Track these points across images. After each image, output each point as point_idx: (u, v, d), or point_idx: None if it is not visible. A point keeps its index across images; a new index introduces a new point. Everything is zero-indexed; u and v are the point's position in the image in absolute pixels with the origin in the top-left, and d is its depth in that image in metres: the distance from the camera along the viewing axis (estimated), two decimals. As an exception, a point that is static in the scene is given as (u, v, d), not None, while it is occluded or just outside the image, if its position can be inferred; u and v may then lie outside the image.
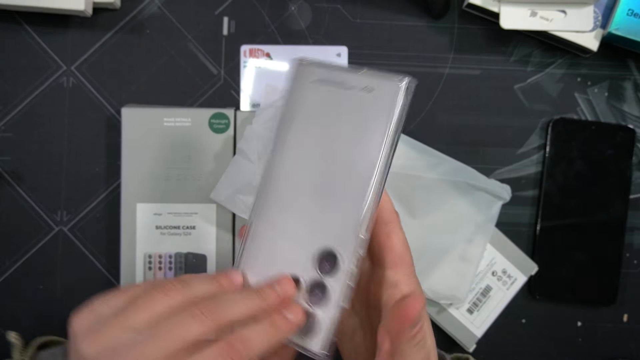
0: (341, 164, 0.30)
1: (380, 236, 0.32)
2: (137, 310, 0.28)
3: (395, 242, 0.31)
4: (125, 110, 0.47)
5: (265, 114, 0.46)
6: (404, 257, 0.31)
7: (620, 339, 0.50)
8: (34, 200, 0.49)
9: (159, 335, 0.27)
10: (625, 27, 0.47)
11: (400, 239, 0.32)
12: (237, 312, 0.29)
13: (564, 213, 0.49)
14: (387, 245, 0.31)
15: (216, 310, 0.28)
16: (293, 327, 0.30)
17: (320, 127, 0.31)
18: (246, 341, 0.28)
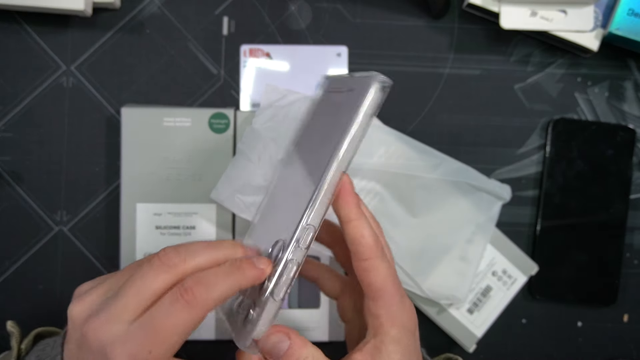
0: (309, 162, 0.31)
1: (358, 271, 0.31)
2: (115, 276, 0.30)
3: (372, 279, 0.31)
4: (125, 110, 0.47)
5: (266, 114, 0.46)
6: (382, 291, 0.31)
7: (620, 339, 0.50)
8: (33, 200, 0.49)
9: (124, 290, 0.28)
10: (625, 27, 0.47)
11: (380, 274, 0.31)
12: (203, 261, 0.29)
13: (564, 213, 0.49)
14: (365, 281, 0.31)
15: (180, 260, 0.28)
16: (257, 273, 0.29)
17: (311, 130, 0.32)
18: (204, 283, 0.28)
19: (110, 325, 0.27)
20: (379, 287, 0.31)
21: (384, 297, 0.31)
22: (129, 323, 0.27)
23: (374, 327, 0.32)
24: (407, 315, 0.32)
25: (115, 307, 0.28)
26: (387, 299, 0.31)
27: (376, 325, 0.32)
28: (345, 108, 0.29)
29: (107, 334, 0.27)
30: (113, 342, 0.27)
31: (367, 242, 0.31)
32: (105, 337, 0.27)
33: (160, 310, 0.27)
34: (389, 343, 0.31)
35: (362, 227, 0.31)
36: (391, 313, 0.31)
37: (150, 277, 0.28)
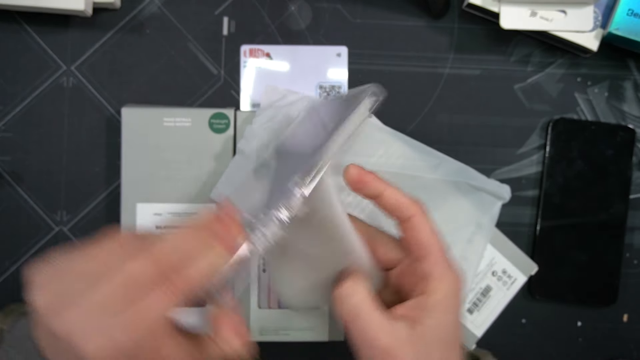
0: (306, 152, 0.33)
1: (405, 233, 0.33)
2: (79, 260, 0.28)
3: (418, 235, 0.33)
4: (125, 110, 0.47)
5: (266, 115, 0.46)
6: (430, 247, 0.32)
7: (620, 339, 0.50)
8: (34, 200, 0.49)
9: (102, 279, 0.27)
10: (625, 27, 0.47)
11: (425, 230, 0.33)
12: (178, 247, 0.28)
13: (564, 213, 0.49)
14: (412, 240, 0.33)
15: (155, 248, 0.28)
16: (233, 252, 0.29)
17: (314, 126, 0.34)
18: (184, 275, 0.28)
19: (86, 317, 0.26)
20: (426, 243, 0.32)
21: (431, 255, 0.32)
22: (109, 315, 0.26)
23: (420, 287, 0.32)
24: (454, 277, 0.33)
25: (93, 297, 0.26)
26: (434, 257, 0.32)
27: (422, 284, 0.32)
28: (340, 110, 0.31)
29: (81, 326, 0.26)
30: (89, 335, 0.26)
31: (406, 201, 0.33)
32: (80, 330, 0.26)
33: (145, 302, 0.27)
34: (433, 302, 0.32)
35: (395, 192, 0.33)
36: (439, 272, 0.32)
37: (130, 267, 0.27)
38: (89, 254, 0.29)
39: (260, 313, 0.47)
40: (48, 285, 0.28)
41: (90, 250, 0.29)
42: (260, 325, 0.48)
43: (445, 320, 0.32)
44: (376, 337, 0.31)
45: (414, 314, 0.32)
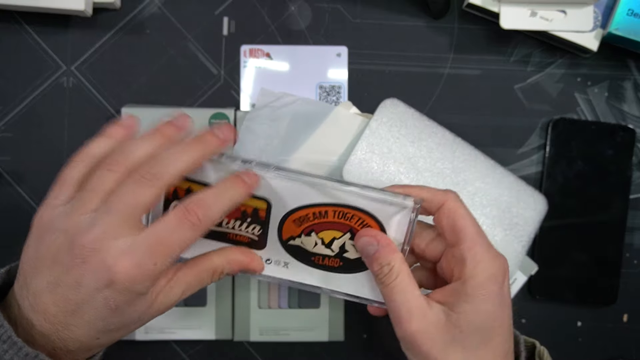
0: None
1: (440, 222, 0.33)
2: (89, 195, 0.30)
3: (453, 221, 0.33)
4: (125, 110, 0.47)
5: (262, 115, 0.46)
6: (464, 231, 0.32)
7: (620, 339, 0.50)
8: (34, 200, 0.49)
9: (113, 210, 0.29)
10: (625, 27, 0.47)
11: (460, 215, 0.33)
12: (180, 166, 0.31)
13: (564, 213, 0.49)
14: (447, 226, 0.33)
15: (159, 171, 0.30)
16: (249, 188, 0.32)
17: None
18: (205, 206, 0.30)
19: (111, 240, 0.28)
20: (459, 227, 0.32)
21: (467, 239, 0.32)
22: (131, 237, 0.29)
23: (457, 272, 0.32)
24: (494, 262, 0.32)
25: (112, 222, 0.29)
26: (470, 241, 0.32)
27: (458, 270, 0.32)
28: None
29: (110, 248, 0.28)
30: (117, 255, 0.28)
31: (434, 192, 0.33)
32: (108, 251, 0.28)
33: (167, 229, 0.29)
34: (471, 287, 0.31)
35: (420, 188, 0.34)
36: (475, 257, 0.31)
37: (140, 193, 0.29)
38: (98, 181, 0.31)
39: (260, 313, 0.47)
40: (46, 210, 0.31)
41: (96, 176, 0.31)
42: (260, 325, 0.48)
43: (483, 308, 0.31)
44: (408, 319, 0.31)
45: (451, 299, 0.31)
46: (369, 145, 0.45)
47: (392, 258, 0.32)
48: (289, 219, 0.35)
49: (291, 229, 0.35)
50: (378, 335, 0.50)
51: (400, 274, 0.32)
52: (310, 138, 0.46)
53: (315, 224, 0.35)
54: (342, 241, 0.35)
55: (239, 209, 0.35)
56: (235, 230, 0.35)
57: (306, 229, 0.35)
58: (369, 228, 0.34)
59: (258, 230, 0.35)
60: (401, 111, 0.46)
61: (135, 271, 0.28)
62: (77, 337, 0.30)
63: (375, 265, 0.33)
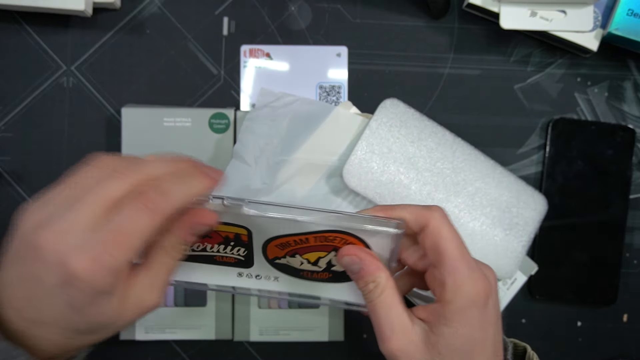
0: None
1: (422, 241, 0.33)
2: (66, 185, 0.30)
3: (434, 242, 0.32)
4: (125, 110, 0.47)
5: (262, 114, 0.46)
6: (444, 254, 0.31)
7: (620, 339, 0.50)
8: (34, 200, 0.49)
9: (81, 200, 0.28)
10: (625, 27, 0.47)
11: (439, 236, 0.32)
12: (156, 171, 0.29)
13: (564, 213, 0.49)
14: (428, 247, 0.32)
15: (134, 169, 0.29)
16: (210, 181, 0.31)
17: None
18: (164, 192, 0.29)
19: (68, 234, 0.27)
20: (442, 250, 0.31)
21: (448, 263, 0.31)
22: (89, 231, 0.27)
23: (438, 294, 0.31)
24: (476, 285, 0.31)
25: (73, 216, 0.27)
26: (451, 265, 0.31)
27: (440, 292, 0.31)
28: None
29: (65, 243, 0.27)
30: (72, 250, 0.27)
31: (417, 212, 0.32)
32: (64, 246, 0.27)
33: (121, 216, 0.28)
34: (450, 312, 0.31)
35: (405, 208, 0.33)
36: (455, 281, 0.31)
37: (107, 186, 0.28)
38: (70, 181, 0.30)
39: (260, 313, 0.47)
40: (33, 210, 0.29)
41: (72, 177, 0.30)
42: (260, 325, 0.48)
43: (461, 333, 0.31)
44: (389, 337, 0.31)
45: (432, 320, 0.31)
46: (369, 145, 0.45)
47: (377, 275, 0.32)
48: (271, 244, 0.34)
49: (275, 252, 0.35)
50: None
51: (384, 291, 0.32)
52: (310, 138, 0.46)
53: (299, 248, 0.34)
54: (327, 258, 0.35)
55: (220, 234, 0.34)
56: (221, 252, 0.35)
57: (290, 252, 0.35)
58: (352, 246, 0.33)
59: (243, 251, 0.35)
60: (401, 111, 0.46)
61: (92, 265, 0.27)
62: (46, 336, 0.29)
63: (361, 283, 0.33)
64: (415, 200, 0.45)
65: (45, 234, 0.27)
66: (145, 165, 0.30)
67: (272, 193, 0.45)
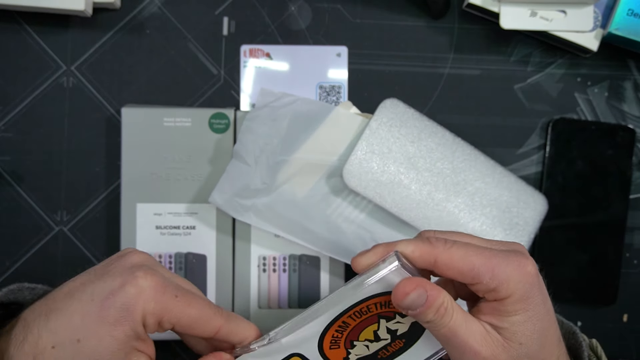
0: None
1: (443, 274, 0.32)
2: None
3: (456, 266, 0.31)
4: (125, 110, 0.47)
5: (262, 115, 0.46)
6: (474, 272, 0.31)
7: (620, 339, 0.50)
8: (34, 200, 0.49)
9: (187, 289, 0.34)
10: (625, 27, 0.47)
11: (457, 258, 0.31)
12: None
13: (564, 213, 0.49)
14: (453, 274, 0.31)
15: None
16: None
17: None
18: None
19: (158, 271, 0.32)
20: (467, 270, 0.31)
21: (482, 271, 0.31)
22: (174, 290, 0.32)
23: (492, 297, 0.31)
24: (521, 270, 0.31)
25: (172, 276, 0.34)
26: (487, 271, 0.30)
27: (492, 295, 0.31)
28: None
29: (150, 273, 0.32)
30: (148, 273, 0.32)
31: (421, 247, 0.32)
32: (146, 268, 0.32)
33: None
34: (511, 304, 0.31)
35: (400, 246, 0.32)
36: (502, 280, 0.30)
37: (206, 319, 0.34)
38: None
39: (260, 313, 0.47)
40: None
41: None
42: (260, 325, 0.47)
43: (532, 313, 0.31)
44: (479, 350, 0.31)
45: (497, 316, 0.31)
46: (369, 145, 0.45)
47: (442, 298, 0.31)
48: (325, 350, 0.35)
49: (336, 355, 0.35)
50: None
51: (454, 309, 0.31)
52: (310, 138, 0.46)
53: (347, 335, 0.34)
54: (383, 327, 0.34)
55: None
56: None
57: (346, 344, 0.34)
58: (406, 280, 0.31)
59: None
60: (401, 111, 0.46)
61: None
62: None
63: (430, 313, 0.31)
64: (415, 200, 0.45)
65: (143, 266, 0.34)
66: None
67: (272, 193, 0.45)
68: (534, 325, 0.31)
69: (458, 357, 0.32)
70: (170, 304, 0.31)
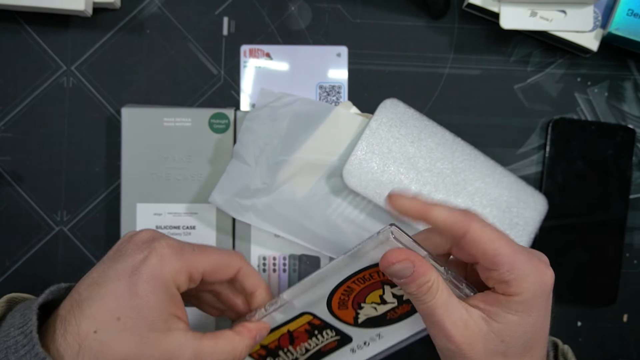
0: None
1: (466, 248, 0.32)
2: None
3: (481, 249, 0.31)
4: (125, 110, 0.47)
5: (262, 115, 0.46)
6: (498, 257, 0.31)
7: (620, 339, 0.50)
8: (34, 200, 0.49)
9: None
10: (625, 27, 0.47)
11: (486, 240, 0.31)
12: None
13: (564, 213, 0.49)
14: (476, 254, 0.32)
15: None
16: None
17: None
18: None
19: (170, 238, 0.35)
20: (492, 254, 0.31)
21: (503, 264, 0.31)
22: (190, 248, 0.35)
23: (502, 290, 0.31)
24: (541, 276, 0.31)
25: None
26: (508, 264, 0.30)
27: (503, 288, 0.31)
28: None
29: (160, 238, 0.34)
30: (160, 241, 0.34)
31: (455, 217, 0.32)
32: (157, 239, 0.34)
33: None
34: (517, 303, 0.31)
35: (441, 210, 0.32)
36: (519, 276, 0.30)
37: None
38: None
39: (260, 313, 0.47)
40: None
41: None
42: (260, 325, 0.47)
43: (530, 320, 0.31)
44: (452, 332, 0.31)
45: (493, 308, 0.31)
46: (369, 145, 0.45)
47: (430, 275, 0.31)
48: (334, 310, 0.36)
49: (346, 314, 0.36)
50: (378, 335, 0.50)
51: (439, 289, 0.31)
52: (310, 138, 0.46)
53: (353, 298, 0.36)
54: (389, 293, 0.35)
55: (300, 332, 0.37)
56: (321, 344, 0.37)
57: (354, 305, 0.36)
58: (396, 250, 0.32)
59: (332, 331, 0.37)
60: (401, 111, 0.46)
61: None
62: None
63: (413, 286, 0.31)
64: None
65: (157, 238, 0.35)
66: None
67: (272, 193, 0.45)
68: (525, 332, 0.31)
69: (434, 335, 0.32)
70: (191, 258, 0.34)
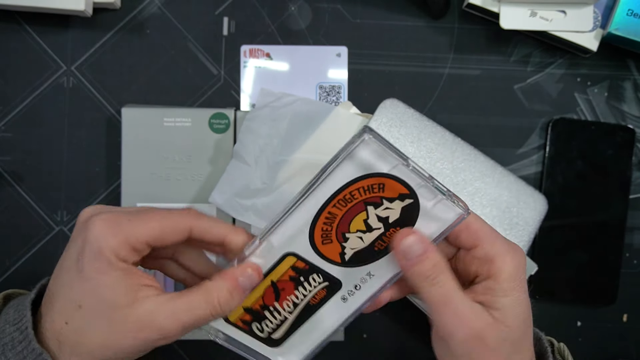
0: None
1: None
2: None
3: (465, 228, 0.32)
4: (125, 110, 0.47)
5: (262, 115, 0.46)
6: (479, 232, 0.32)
7: (620, 339, 0.50)
8: (34, 200, 0.49)
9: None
10: (625, 27, 0.47)
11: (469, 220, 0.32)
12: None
13: (564, 213, 0.49)
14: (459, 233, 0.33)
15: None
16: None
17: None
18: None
19: (108, 211, 0.32)
20: (476, 229, 0.32)
21: (487, 238, 0.32)
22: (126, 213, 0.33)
23: (486, 270, 0.32)
24: (516, 253, 0.32)
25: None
26: (491, 239, 0.32)
27: (488, 267, 0.32)
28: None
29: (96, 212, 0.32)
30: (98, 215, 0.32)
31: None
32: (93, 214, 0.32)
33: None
34: (505, 281, 0.31)
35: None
36: (501, 252, 0.32)
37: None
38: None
39: (260, 313, 0.47)
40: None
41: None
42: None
43: (520, 296, 0.32)
44: (470, 321, 0.31)
45: (486, 298, 0.32)
46: (369, 145, 0.45)
47: (437, 260, 0.31)
48: (318, 245, 0.33)
49: (331, 250, 0.33)
50: (378, 335, 0.50)
51: (445, 276, 0.31)
52: (310, 138, 0.46)
53: (338, 227, 0.33)
54: (373, 215, 0.32)
55: (284, 282, 0.34)
56: (309, 295, 0.34)
57: (338, 237, 0.33)
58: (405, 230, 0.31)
59: (319, 277, 0.34)
60: (401, 111, 0.46)
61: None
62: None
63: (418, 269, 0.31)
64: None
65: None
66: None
67: (272, 193, 0.45)
68: (522, 311, 0.32)
69: (445, 324, 0.31)
70: (127, 228, 0.32)
